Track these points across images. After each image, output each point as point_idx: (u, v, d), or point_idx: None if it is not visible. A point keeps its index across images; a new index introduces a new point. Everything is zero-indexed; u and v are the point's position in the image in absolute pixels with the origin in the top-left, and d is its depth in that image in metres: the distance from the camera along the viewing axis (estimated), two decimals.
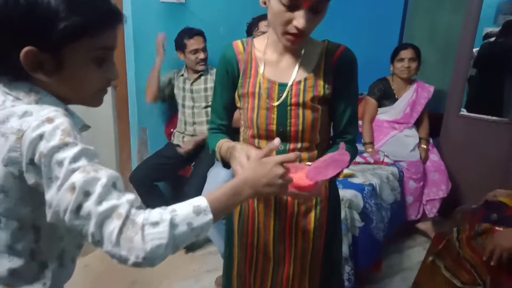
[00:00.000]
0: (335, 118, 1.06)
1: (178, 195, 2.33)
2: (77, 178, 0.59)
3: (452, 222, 1.71)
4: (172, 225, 0.62)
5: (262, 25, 2.08)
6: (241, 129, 1.12)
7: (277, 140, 0.81)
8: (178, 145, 2.41)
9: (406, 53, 2.45)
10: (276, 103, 0.99)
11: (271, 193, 0.77)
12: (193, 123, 2.39)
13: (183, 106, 2.40)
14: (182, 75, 2.40)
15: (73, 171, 0.59)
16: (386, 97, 2.56)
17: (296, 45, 0.94)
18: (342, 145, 0.89)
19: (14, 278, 0.69)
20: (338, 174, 0.97)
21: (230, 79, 1.05)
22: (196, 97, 2.37)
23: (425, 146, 2.51)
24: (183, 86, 2.39)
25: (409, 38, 2.92)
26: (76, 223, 0.59)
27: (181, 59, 2.34)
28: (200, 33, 2.29)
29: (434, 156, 2.52)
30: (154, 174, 2.31)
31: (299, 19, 0.85)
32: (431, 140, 2.59)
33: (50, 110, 0.63)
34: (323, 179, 0.85)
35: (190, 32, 2.27)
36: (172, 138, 2.49)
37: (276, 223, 1.09)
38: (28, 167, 0.61)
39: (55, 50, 0.63)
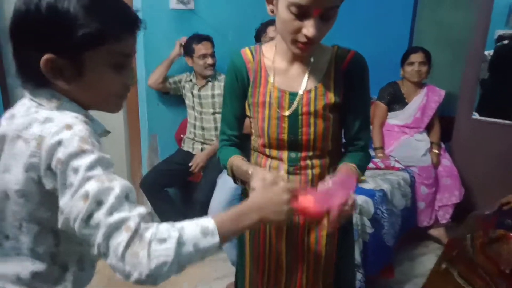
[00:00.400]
0: (347, 125, 1.05)
1: (187, 201, 2.34)
2: (91, 186, 0.59)
3: (465, 228, 1.68)
4: (179, 243, 0.61)
5: (270, 30, 2.09)
6: (252, 137, 1.11)
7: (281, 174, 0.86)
8: (188, 152, 2.42)
9: (416, 57, 2.43)
10: (287, 113, 0.98)
11: (277, 220, 0.75)
12: (202, 128, 2.40)
13: (193, 109, 2.42)
14: (191, 80, 2.42)
15: (88, 179, 0.60)
16: (396, 101, 2.54)
17: (306, 53, 0.93)
18: (347, 167, 0.94)
19: (36, 281, 0.70)
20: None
21: (240, 88, 1.04)
22: (203, 103, 2.38)
23: (436, 151, 2.48)
24: (191, 91, 2.41)
25: (419, 41, 2.89)
26: (85, 232, 0.60)
27: (189, 64, 2.36)
28: (208, 39, 2.31)
29: (446, 161, 2.48)
30: (164, 180, 2.33)
31: (308, 28, 0.83)
32: (442, 145, 2.56)
33: (70, 116, 0.65)
34: (331, 207, 0.82)
35: (199, 38, 2.30)
36: (182, 144, 2.51)
37: (289, 232, 1.08)
38: (46, 173, 0.62)
39: (74, 57, 0.64)
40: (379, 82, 2.52)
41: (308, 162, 1.02)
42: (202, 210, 2.05)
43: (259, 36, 2.15)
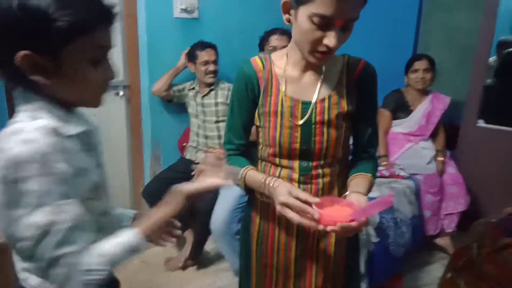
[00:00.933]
0: (359, 133, 1.05)
1: (190, 210, 2.33)
2: (40, 216, 0.62)
3: (472, 236, 1.65)
4: (112, 265, 0.71)
5: (273, 39, 2.09)
6: (259, 147, 1.09)
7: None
8: (191, 160, 2.41)
9: (420, 64, 2.42)
10: (300, 122, 0.97)
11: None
12: (205, 136, 2.40)
13: (196, 117, 2.42)
14: (194, 88, 2.43)
15: (38, 206, 0.62)
16: (400, 109, 2.53)
17: (323, 62, 0.93)
18: (391, 192, 0.96)
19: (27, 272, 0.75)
20: None
21: (250, 96, 1.02)
22: (207, 111, 2.38)
23: (441, 159, 2.45)
24: (194, 99, 2.42)
25: (425, 46, 2.89)
26: (27, 253, 0.66)
27: (192, 70, 2.37)
28: (212, 46, 2.33)
29: (451, 168, 2.45)
30: (166, 189, 2.29)
31: (330, 38, 0.84)
32: (448, 152, 2.53)
33: (37, 127, 0.64)
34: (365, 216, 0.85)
35: (203, 45, 2.32)
36: (184, 153, 2.50)
37: (299, 240, 1.07)
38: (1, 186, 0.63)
39: (50, 52, 0.64)
40: (384, 89, 2.50)
41: (320, 171, 1.01)
42: (205, 219, 2.03)
43: (262, 44, 2.16)
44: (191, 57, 2.33)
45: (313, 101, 0.97)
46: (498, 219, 1.66)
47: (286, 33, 2.11)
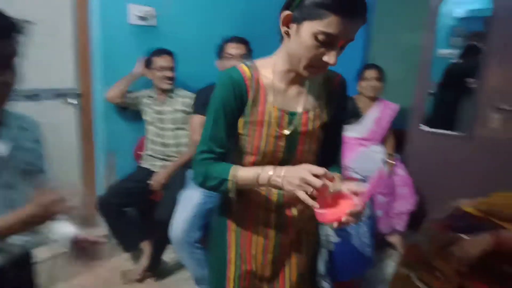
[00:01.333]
0: (331, 141, 1.11)
1: (148, 221, 2.26)
2: None
3: (422, 233, 1.76)
4: None
5: (230, 47, 2.11)
6: (234, 153, 1.06)
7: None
8: (148, 169, 2.35)
9: (370, 73, 2.57)
10: (287, 132, 1.00)
11: (288, 188, 0.89)
12: (163, 144, 2.35)
13: (152, 125, 2.37)
14: (151, 96, 2.38)
15: None
16: (352, 115, 2.65)
17: (315, 76, 0.96)
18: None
19: None
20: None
21: (238, 105, 0.99)
22: (164, 119, 2.34)
23: (391, 161, 2.60)
24: (151, 107, 2.37)
25: (373, 59, 3.07)
26: None
27: (149, 77, 2.33)
28: (168, 53, 2.30)
29: (400, 171, 2.61)
30: (123, 199, 2.23)
31: (331, 57, 0.86)
32: (397, 156, 2.69)
33: None
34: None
35: (159, 51, 2.29)
36: (141, 162, 2.44)
37: (276, 242, 1.09)
38: None
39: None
40: None
41: None
42: (163, 229, 1.99)
43: (220, 52, 2.17)
44: (148, 63, 2.30)
45: (299, 112, 1.00)
46: (444, 216, 1.79)
47: (243, 42, 2.14)
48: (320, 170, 0.87)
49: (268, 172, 0.93)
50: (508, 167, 2.39)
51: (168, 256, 2.30)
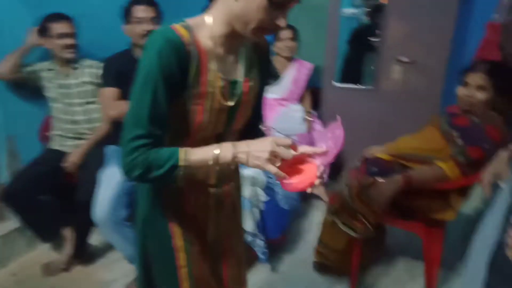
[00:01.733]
0: (258, 106, 1.07)
1: (67, 205, 2.08)
2: None
3: (343, 182, 1.91)
4: None
5: (139, 10, 1.94)
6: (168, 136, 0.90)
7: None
8: (60, 150, 2.13)
9: (285, 33, 2.60)
10: (231, 103, 0.91)
11: (254, 163, 0.81)
12: (72, 121, 2.14)
13: (57, 102, 2.13)
14: (52, 69, 2.12)
15: None
16: (271, 76, 2.69)
17: (259, 39, 0.91)
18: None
19: None
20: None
21: (179, 74, 0.82)
22: (71, 94, 2.11)
23: (310, 119, 2.73)
24: (53, 81, 2.11)
25: (290, 21, 3.10)
26: None
27: (47, 46, 2.05)
28: (67, 18, 2.04)
29: (318, 126, 2.76)
30: (32, 186, 1.99)
31: (282, 20, 0.82)
32: (314, 112, 2.83)
33: None
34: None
35: (56, 16, 2.01)
36: (50, 143, 2.20)
37: (218, 218, 1.06)
38: None
39: None
40: None
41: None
42: (85, 211, 1.85)
43: (127, 16, 1.98)
44: (43, 31, 2.00)
45: (241, 80, 0.92)
46: (359, 163, 1.95)
47: (152, 3, 1.98)
48: (287, 140, 0.83)
49: (230, 150, 0.83)
50: (408, 114, 2.68)
51: (96, 238, 2.18)
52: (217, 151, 0.83)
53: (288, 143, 0.83)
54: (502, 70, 1.67)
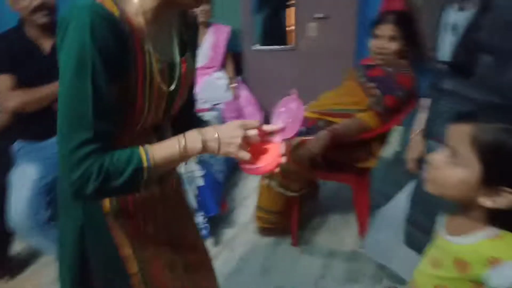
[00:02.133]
0: (190, 87, 0.96)
1: None
2: None
3: None
4: None
5: None
6: None
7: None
8: None
9: None
10: (172, 87, 0.79)
11: (225, 151, 0.75)
12: None
13: None
14: None
15: None
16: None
17: (198, 6, 0.78)
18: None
19: None
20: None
21: (118, 56, 0.68)
22: None
23: (234, 85, 2.68)
24: None
25: None
26: None
27: None
28: None
29: (244, 91, 2.73)
30: None
31: None
32: (238, 78, 2.78)
33: None
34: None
35: None
36: None
37: (167, 211, 0.94)
38: None
39: None
40: None
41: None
42: None
43: None
44: None
45: (178, 61, 0.80)
46: None
47: None
48: (255, 123, 0.77)
49: (198, 139, 0.73)
50: (327, 70, 2.76)
51: (19, 247, 1.98)
52: (181, 143, 0.72)
53: (256, 125, 0.77)
54: (408, 19, 1.77)
